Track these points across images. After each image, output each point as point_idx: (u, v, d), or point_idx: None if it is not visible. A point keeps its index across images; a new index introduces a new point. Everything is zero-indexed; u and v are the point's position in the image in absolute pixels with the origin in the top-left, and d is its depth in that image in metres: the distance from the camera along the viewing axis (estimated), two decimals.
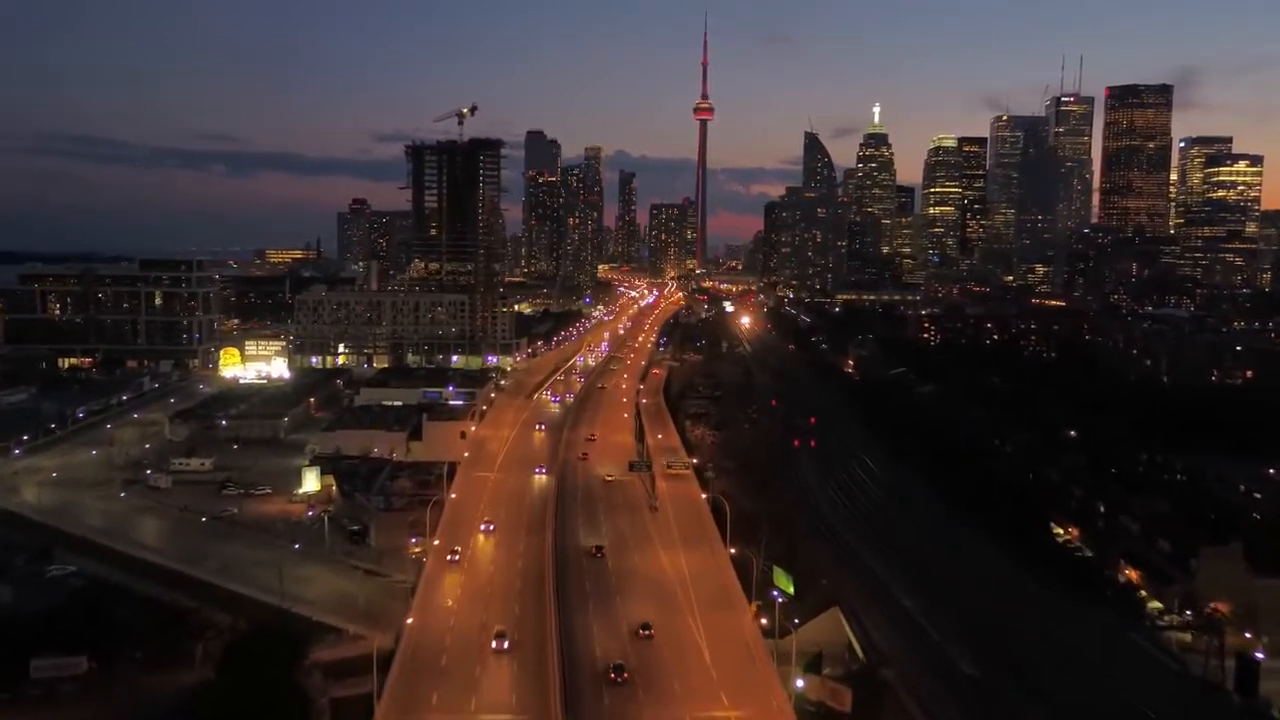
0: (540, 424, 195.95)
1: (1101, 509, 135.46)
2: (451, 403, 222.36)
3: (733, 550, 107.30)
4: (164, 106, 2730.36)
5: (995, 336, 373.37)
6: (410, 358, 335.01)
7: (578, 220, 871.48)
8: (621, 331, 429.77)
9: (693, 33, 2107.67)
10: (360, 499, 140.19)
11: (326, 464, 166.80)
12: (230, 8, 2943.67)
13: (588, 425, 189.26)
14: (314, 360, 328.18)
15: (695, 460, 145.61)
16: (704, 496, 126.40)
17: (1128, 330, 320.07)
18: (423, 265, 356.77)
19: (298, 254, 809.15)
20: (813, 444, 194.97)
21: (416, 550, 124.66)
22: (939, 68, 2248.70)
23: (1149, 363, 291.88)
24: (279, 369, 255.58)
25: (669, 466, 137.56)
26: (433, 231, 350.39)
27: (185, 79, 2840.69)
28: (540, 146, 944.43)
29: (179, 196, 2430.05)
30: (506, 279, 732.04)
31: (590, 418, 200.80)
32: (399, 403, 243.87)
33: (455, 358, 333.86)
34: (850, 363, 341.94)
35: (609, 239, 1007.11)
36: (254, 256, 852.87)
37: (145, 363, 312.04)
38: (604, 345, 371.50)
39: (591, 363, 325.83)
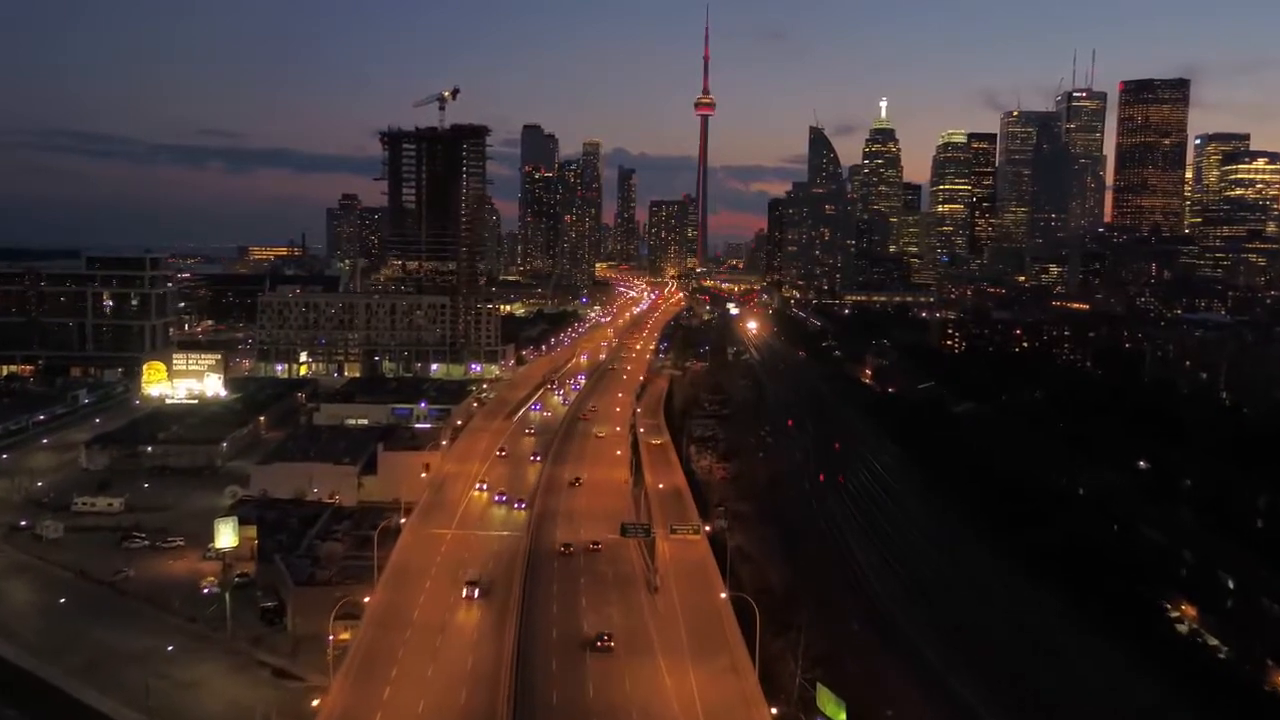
0: (470, 584, 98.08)
1: (1230, 584, 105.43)
2: (417, 425, 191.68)
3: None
4: (164, 102, 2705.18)
5: (1025, 344, 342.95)
6: (386, 365, 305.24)
7: (574, 217, 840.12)
8: (603, 354, 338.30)
9: (693, 30, 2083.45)
10: (279, 563, 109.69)
11: (252, 509, 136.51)
12: (231, 4, 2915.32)
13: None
14: (280, 368, 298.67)
15: (707, 526, 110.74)
16: (724, 594, 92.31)
17: (1179, 339, 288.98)
18: (400, 264, 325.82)
19: (282, 251, 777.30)
20: (841, 479, 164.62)
21: (345, 637, 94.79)
22: (939, 66, 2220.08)
23: (1204, 376, 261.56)
24: (213, 386, 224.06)
25: (673, 531, 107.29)
26: (412, 227, 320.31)
27: (186, 75, 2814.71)
28: (537, 141, 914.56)
29: (178, 192, 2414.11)
30: (501, 277, 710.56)
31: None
32: (364, 421, 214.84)
33: (435, 366, 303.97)
34: (869, 372, 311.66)
35: (607, 237, 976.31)
36: (236, 253, 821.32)
37: (91, 371, 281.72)
38: (579, 377, 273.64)
39: (558, 403, 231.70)
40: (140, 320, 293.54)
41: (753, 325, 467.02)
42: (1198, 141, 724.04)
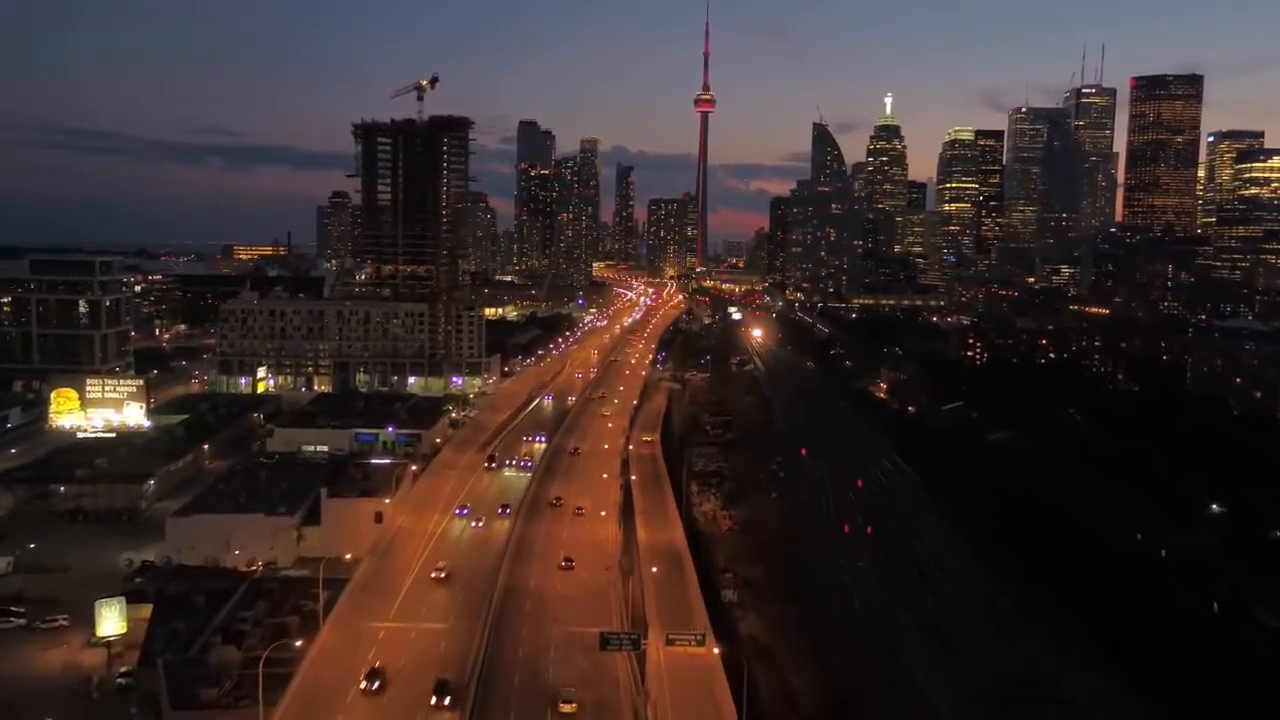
0: None
1: None
2: (374, 461, 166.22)
3: None
4: (164, 101, 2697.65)
5: (1051, 354, 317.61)
6: (360, 378, 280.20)
7: (571, 215, 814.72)
8: (571, 397, 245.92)
9: (693, 29, 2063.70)
10: (161, 670, 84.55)
11: (152, 581, 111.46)
12: (231, 4, 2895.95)
13: None
14: (244, 382, 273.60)
15: (716, 643, 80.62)
16: None
17: (1226, 350, 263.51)
18: (374, 268, 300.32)
19: (267, 250, 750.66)
20: (869, 530, 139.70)
21: None
22: (939, 66, 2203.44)
23: (1259, 395, 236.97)
24: (134, 416, 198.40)
25: (671, 642, 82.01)
26: (388, 228, 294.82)
27: (186, 74, 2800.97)
28: (534, 138, 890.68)
29: (177, 189, 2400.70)
30: (497, 277, 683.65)
31: None
32: (324, 449, 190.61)
33: (413, 380, 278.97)
34: (884, 386, 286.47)
35: (606, 235, 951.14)
36: (221, 252, 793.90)
37: (34, 385, 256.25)
38: (539, 438, 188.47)
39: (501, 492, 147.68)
40: (90, 329, 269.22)
41: (756, 332, 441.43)
42: (1210, 139, 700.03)
